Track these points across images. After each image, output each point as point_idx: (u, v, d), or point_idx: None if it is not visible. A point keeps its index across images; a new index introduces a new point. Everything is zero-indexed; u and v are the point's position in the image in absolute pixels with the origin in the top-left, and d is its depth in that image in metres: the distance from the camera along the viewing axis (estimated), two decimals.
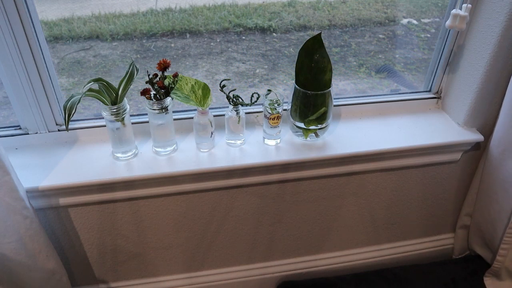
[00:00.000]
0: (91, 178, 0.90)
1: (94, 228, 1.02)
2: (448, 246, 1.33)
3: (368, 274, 1.20)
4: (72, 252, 1.06)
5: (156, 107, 0.87)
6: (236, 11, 1.26)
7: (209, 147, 0.98)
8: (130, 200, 0.98)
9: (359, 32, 1.33)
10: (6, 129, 0.97)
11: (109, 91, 0.85)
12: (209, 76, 1.23)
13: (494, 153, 1.04)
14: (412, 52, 1.36)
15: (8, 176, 0.79)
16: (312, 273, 1.26)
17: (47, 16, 1.16)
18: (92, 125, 0.99)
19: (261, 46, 1.28)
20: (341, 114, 1.11)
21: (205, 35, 1.25)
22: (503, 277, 1.11)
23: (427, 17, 1.36)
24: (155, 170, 0.92)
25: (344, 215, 1.17)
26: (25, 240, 0.85)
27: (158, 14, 1.21)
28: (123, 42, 1.22)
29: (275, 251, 1.21)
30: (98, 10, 1.19)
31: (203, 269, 1.20)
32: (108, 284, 1.17)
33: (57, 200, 0.93)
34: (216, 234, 1.12)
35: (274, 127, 0.97)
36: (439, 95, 1.13)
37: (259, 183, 1.02)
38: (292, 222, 1.14)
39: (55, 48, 1.18)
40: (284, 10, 1.29)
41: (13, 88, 0.88)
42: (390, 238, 1.28)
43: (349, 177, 1.07)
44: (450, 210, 1.26)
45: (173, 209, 1.03)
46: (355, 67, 1.32)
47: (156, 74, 0.85)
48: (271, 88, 0.96)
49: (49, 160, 0.94)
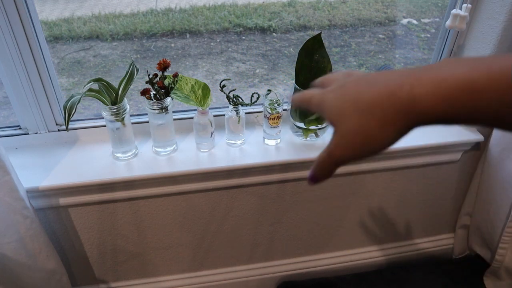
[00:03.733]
0: (91, 178, 0.90)
1: (94, 228, 1.02)
2: (448, 246, 1.33)
3: (368, 274, 1.20)
4: (72, 252, 1.06)
5: (156, 107, 0.87)
6: (236, 11, 1.26)
7: (209, 147, 0.98)
8: (130, 200, 0.98)
9: (359, 32, 1.33)
10: (6, 129, 0.97)
11: (109, 91, 0.85)
12: (209, 76, 1.23)
13: (493, 153, 1.04)
14: (412, 52, 1.36)
15: (8, 176, 0.79)
16: (312, 273, 1.26)
17: (47, 16, 1.16)
18: (92, 125, 0.99)
19: (261, 46, 1.28)
20: None
21: (205, 35, 1.25)
22: (502, 276, 1.11)
23: (427, 17, 1.36)
24: (155, 170, 0.92)
25: (344, 215, 1.17)
26: (25, 240, 0.85)
27: (158, 14, 1.21)
28: (123, 42, 1.22)
29: (275, 251, 1.21)
30: (98, 10, 1.20)
31: (203, 269, 1.20)
32: (108, 284, 1.17)
33: (57, 200, 0.93)
34: (216, 234, 1.12)
35: (274, 127, 0.97)
36: None
37: (259, 183, 1.02)
38: (292, 222, 1.14)
39: (55, 48, 1.18)
40: (284, 10, 1.29)
41: (13, 88, 0.88)
42: (390, 238, 1.28)
43: (349, 177, 1.07)
44: (450, 210, 1.26)
45: (173, 209, 1.03)
46: (355, 67, 1.32)
47: (156, 74, 0.85)
48: (271, 88, 0.96)
49: (49, 160, 0.94)
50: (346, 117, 0.36)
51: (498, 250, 1.07)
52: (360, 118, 0.35)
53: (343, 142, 0.37)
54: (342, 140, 0.37)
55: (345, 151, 0.37)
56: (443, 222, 1.29)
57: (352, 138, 0.36)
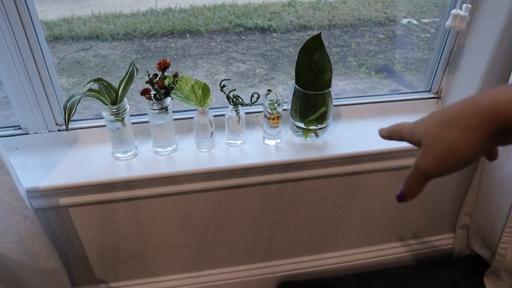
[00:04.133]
0: (91, 178, 0.90)
1: (94, 228, 1.02)
2: (448, 246, 1.33)
3: (368, 274, 1.20)
4: (72, 252, 1.06)
5: (156, 107, 0.87)
6: (236, 11, 1.26)
7: (209, 147, 0.98)
8: (130, 200, 0.98)
9: (359, 32, 1.33)
10: (6, 129, 0.97)
11: (109, 91, 0.85)
12: (209, 76, 1.23)
13: None
14: (412, 52, 1.36)
15: (9, 176, 0.79)
16: (312, 273, 1.26)
17: (47, 16, 1.16)
18: (92, 125, 0.99)
19: (261, 46, 1.28)
20: (341, 114, 1.11)
21: (205, 35, 1.25)
22: (502, 276, 1.11)
23: (427, 17, 1.36)
24: (155, 170, 0.92)
25: (344, 215, 1.17)
26: (25, 240, 0.85)
27: (158, 14, 1.21)
28: (123, 42, 1.22)
29: (275, 251, 1.21)
30: (98, 10, 1.20)
31: (203, 269, 1.20)
32: (108, 284, 1.17)
33: (57, 200, 0.93)
34: (216, 234, 1.12)
35: (274, 127, 0.97)
36: (439, 95, 1.13)
37: (259, 183, 1.02)
38: (292, 222, 1.14)
39: (55, 48, 1.18)
40: (284, 10, 1.29)
41: (13, 88, 0.88)
42: (390, 238, 1.28)
43: (349, 177, 1.07)
44: (450, 210, 1.26)
45: (173, 209, 1.03)
46: (355, 67, 1.32)
47: (156, 74, 0.85)
48: (271, 88, 0.96)
49: (49, 160, 0.94)
50: (432, 130, 0.39)
51: (498, 250, 1.07)
52: (444, 128, 0.38)
53: (428, 153, 0.39)
54: (427, 151, 0.39)
55: (430, 162, 0.39)
56: (443, 222, 1.29)
57: (436, 148, 0.38)
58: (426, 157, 0.39)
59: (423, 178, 0.40)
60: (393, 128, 0.46)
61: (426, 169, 0.39)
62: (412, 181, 0.42)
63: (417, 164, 0.40)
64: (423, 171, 0.40)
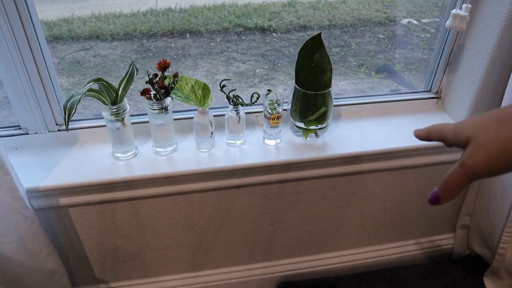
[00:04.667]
0: (91, 178, 0.90)
1: (94, 228, 1.02)
2: (448, 246, 1.33)
3: (368, 274, 1.20)
4: (72, 252, 1.06)
5: (156, 107, 0.87)
6: (236, 11, 1.26)
7: (209, 147, 0.98)
8: (130, 200, 0.98)
9: (359, 32, 1.33)
10: (6, 129, 0.97)
11: (109, 91, 0.85)
12: (209, 76, 1.23)
13: None
14: (412, 52, 1.36)
15: (9, 176, 0.79)
16: (312, 273, 1.26)
17: (47, 16, 1.16)
18: (92, 125, 0.99)
19: (261, 46, 1.28)
20: (341, 114, 1.11)
21: (205, 35, 1.25)
22: (502, 276, 1.11)
23: (427, 17, 1.36)
24: (155, 170, 0.92)
25: (344, 215, 1.17)
26: (25, 240, 0.85)
27: (158, 14, 1.21)
28: (123, 42, 1.22)
29: (275, 251, 1.21)
30: (98, 10, 1.20)
31: (203, 269, 1.20)
32: (108, 284, 1.17)
33: (57, 200, 0.93)
34: (216, 234, 1.12)
35: (274, 127, 0.97)
36: (439, 95, 1.13)
37: (259, 183, 1.02)
38: (292, 222, 1.14)
39: (55, 48, 1.18)
40: (284, 10, 1.29)
41: (13, 88, 0.88)
42: (390, 238, 1.28)
43: (349, 177, 1.07)
44: (450, 210, 1.26)
45: (173, 209, 1.03)
46: (355, 67, 1.32)
47: (156, 74, 0.85)
48: (271, 88, 0.96)
49: (49, 160, 0.94)
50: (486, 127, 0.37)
51: (498, 250, 1.07)
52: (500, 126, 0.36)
53: (479, 150, 0.37)
54: (478, 148, 0.37)
55: (481, 159, 0.37)
56: (443, 222, 1.29)
57: (489, 144, 0.37)
58: (477, 154, 0.37)
59: (468, 178, 0.38)
60: (433, 128, 0.44)
61: (475, 167, 0.37)
62: (453, 181, 0.39)
63: (464, 162, 0.38)
64: (471, 169, 0.37)
